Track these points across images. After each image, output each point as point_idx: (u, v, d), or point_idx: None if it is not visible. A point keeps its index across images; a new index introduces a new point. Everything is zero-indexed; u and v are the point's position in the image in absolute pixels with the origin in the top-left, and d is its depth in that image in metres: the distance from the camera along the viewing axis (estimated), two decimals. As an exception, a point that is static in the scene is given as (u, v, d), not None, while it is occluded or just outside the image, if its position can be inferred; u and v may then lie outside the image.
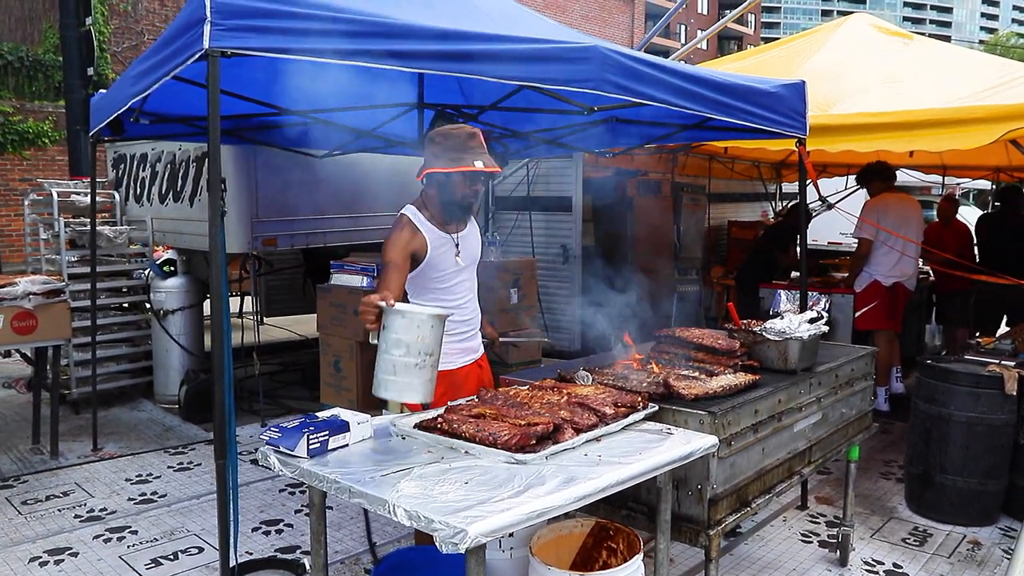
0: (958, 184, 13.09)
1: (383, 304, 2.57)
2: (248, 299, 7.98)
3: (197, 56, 2.61)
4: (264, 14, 2.56)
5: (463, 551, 1.76)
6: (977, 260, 8.77)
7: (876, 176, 6.63)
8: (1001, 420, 4.39)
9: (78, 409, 6.42)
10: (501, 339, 3.76)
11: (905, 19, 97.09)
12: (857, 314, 6.53)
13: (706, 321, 8.85)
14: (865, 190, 7.04)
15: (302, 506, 4.66)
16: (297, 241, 6.12)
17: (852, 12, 7.62)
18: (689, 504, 2.73)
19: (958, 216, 8.24)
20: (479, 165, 3.01)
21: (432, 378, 2.59)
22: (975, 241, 8.26)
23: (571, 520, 2.74)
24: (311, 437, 2.28)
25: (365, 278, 5.83)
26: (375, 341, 2.59)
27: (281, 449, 2.31)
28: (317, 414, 2.50)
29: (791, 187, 10.73)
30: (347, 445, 2.40)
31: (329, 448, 2.35)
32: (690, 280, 8.76)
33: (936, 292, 8.12)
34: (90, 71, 8.14)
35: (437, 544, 1.80)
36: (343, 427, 2.39)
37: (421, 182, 3.21)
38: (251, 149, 5.60)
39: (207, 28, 2.50)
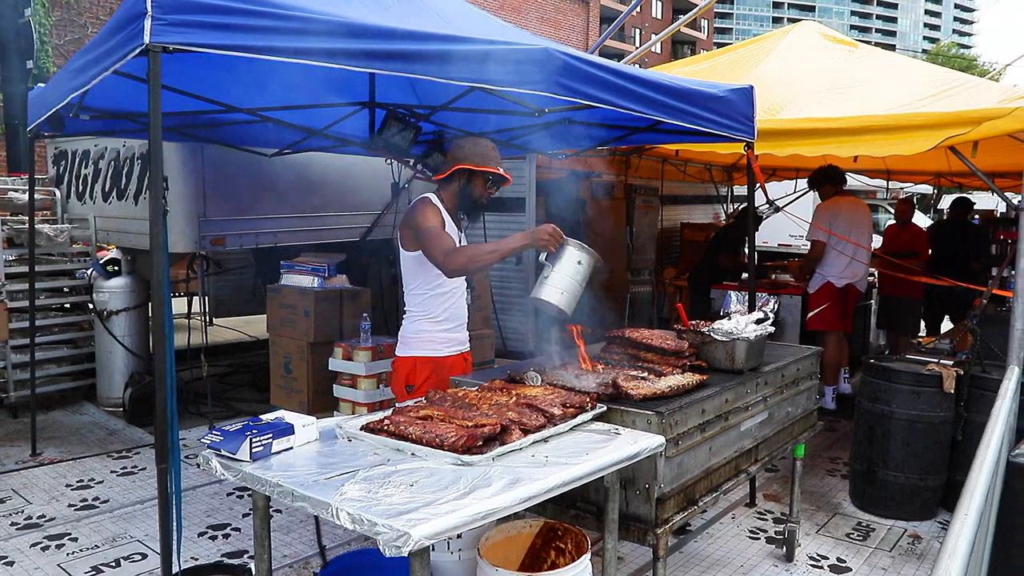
0: (902, 188, 13.47)
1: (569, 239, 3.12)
2: (196, 300, 7.81)
3: (138, 51, 2.54)
4: (207, 9, 2.51)
5: (406, 554, 1.74)
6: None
7: (827, 180, 6.76)
8: (940, 417, 4.53)
9: (16, 413, 6.21)
10: None
11: (852, 27, 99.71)
12: (809, 315, 6.66)
13: (659, 322, 8.93)
14: (816, 193, 7.18)
15: (250, 510, 4.57)
16: (246, 241, 6.01)
17: (802, 20, 7.79)
18: (637, 503, 2.75)
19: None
20: (501, 170, 3.46)
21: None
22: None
23: (520, 521, 2.74)
24: (254, 440, 2.24)
25: (316, 278, 5.77)
26: (545, 261, 3.16)
27: (223, 453, 2.26)
28: (261, 416, 2.46)
29: (742, 190, 10.91)
30: (292, 448, 2.36)
31: (273, 451, 2.30)
32: (643, 281, 8.84)
33: (880, 294, 8.28)
34: (29, 64, 7.88)
35: (380, 547, 1.78)
36: (287, 430, 2.35)
37: (438, 181, 3.54)
38: (198, 147, 5.48)
39: (148, 23, 2.45)
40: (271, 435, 2.30)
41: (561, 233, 3.12)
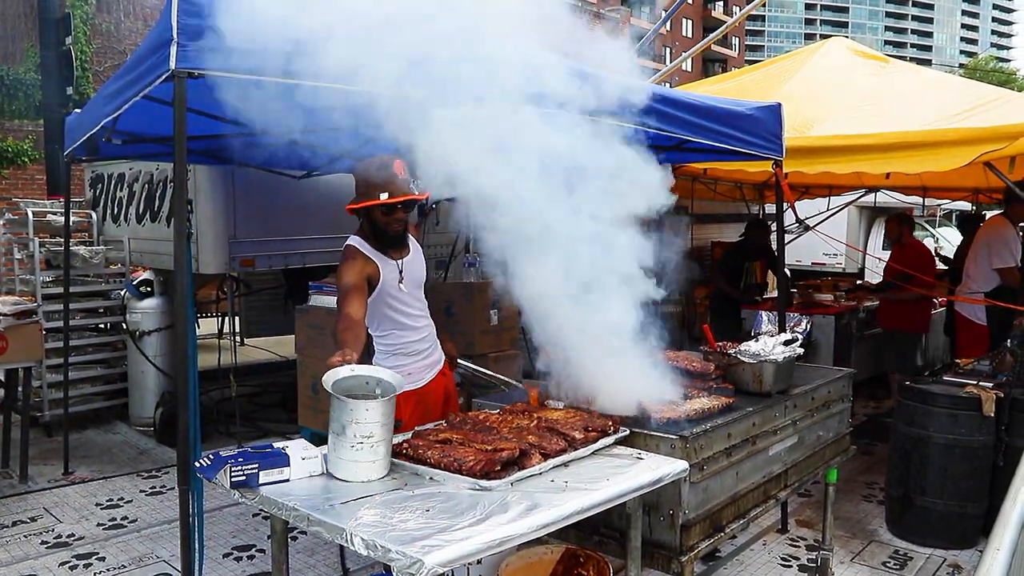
0: (939, 205, 13.20)
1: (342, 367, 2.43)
2: (226, 320, 7.90)
3: (164, 77, 2.59)
4: (231, 36, 2.54)
5: (419, 582, 1.71)
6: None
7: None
8: (979, 442, 4.37)
9: (51, 432, 6.31)
10: (460, 359, 3.85)
11: (887, 43, 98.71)
12: None
13: (689, 342, 8.81)
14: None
15: (275, 531, 4.57)
16: (275, 262, 6.07)
17: (834, 36, 7.68)
18: (661, 530, 2.69)
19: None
20: (383, 197, 3.03)
21: (385, 454, 2.34)
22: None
23: (541, 547, 2.70)
24: (233, 469, 2.18)
25: (343, 299, 5.78)
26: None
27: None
28: (273, 444, 2.41)
29: (773, 208, 10.75)
30: (288, 480, 2.27)
31: (260, 482, 2.22)
32: (672, 301, 8.74)
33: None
34: (69, 90, 8.10)
35: (394, 574, 1.76)
36: (279, 461, 2.27)
37: (351, 214, 3.27)
38: (228, 169, 5.56)
39: (174, 49, 2.49)
40: (257, 465, 2.23)
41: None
